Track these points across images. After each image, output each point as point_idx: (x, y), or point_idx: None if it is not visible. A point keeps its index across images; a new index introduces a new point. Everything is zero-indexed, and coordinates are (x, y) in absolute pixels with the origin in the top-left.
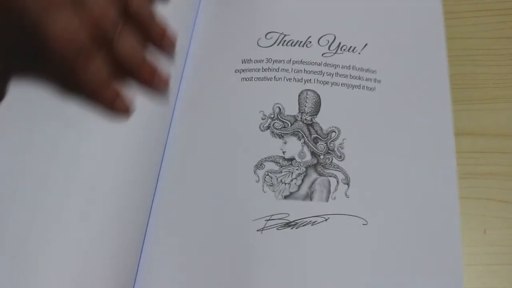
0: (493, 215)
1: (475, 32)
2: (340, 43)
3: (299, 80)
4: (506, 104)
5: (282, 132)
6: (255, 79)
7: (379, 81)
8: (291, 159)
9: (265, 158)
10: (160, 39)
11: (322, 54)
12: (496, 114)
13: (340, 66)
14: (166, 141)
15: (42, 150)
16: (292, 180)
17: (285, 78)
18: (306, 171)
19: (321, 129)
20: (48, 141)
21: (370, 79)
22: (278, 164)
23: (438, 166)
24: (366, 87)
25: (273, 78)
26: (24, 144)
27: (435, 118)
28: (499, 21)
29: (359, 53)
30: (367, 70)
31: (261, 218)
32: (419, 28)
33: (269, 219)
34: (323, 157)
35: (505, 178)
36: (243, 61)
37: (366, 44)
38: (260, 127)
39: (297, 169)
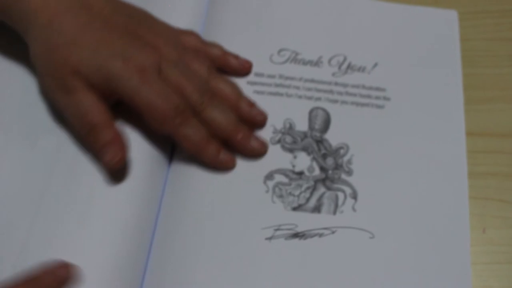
0: (492, 215)
1: (474, 34)
2: (350, 63)
3: (309, 98)
4: (505, 104)
5: (292, 147)
6: (267, 93)
7: (388, 99)
8: (301, 173)
9: (275, 170)
10: (249, 115)
11: (332, 74)
12: (495, 114)
13: (350, 85)
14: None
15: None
16: (301, 193)
17: (296, 95)
18: (314, 185)
19: (330, 145)
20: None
21: (379, 97)
22: (288, 177)
23: (448, 183)
24: (375, 104)
25: (285, 94)
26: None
27: (445, 136)
28: (498, 22)
29: (369, 73)
30: (377, 89)
31: (270, 227)
32: (432, 47)
33: (278, 229)
34: (332, 172)
35: (504, 178)
36: (256, 74)
37: (376, 64)
38: (271, 140)
39: (306, 183)
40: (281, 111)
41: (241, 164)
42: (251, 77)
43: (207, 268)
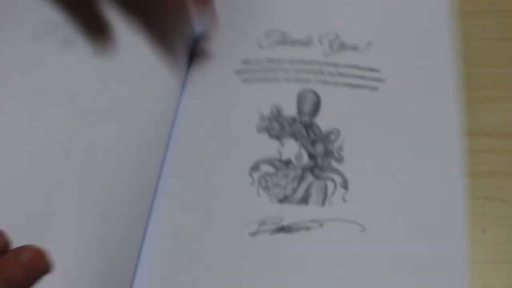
0: (492, 214)
1: (474, 33)
2: (342, 41)
3: (299, 81)
4: (506, 104)
5: (280, 133)
6: (255, 80)
7: (383, 81)
8: (288, 162)
9: (261, 159)
10: None
11: (323, 53)
12: (495, 114)
13: (342, 65)
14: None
15: None
16: (287, 183)
17: (285, 79)
18: (302, 174)
19: (320, 130)
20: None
21: (374, 79)
22: (274, 166)
23: (443, 171)
24: (369, 86)
25: (273, 79)
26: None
27: (441, 119)
28: (498, 22)
29: (362, 52)
30: (371, 69)
31: (254, 222)
32: (426, 25)
33: (262, 224)
34: (321, 160)
35: (504, 177)
36: (243, 62)
37: (369, 42)
38: (257, 128)
39: (293, 172)
40: (268, 97)
41: (226, 155)
42: (238, 66)
43: (189, 267)
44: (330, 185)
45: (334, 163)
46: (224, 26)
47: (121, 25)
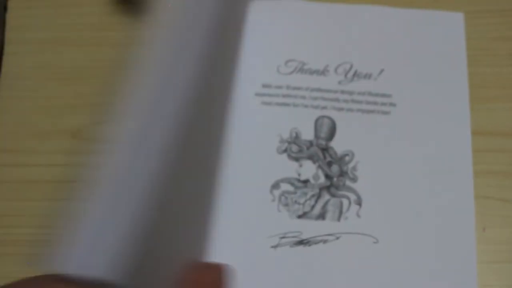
0: (492, 214)
1: (474, 33)
2: (356, 71)
3: (316, 107)
4: (506, 103)
5: (298, 155)
6: (274, 103)
7: (394, 105)
8: (306, 181)
9: (281, 179)
10: None
11: (339, 82)
12: (495, 113)
13: (356, 93)
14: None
15: None
16: (306, 201)
17: (303, 105)
18: (319, 193)
19: (335, 153)
20: None
21: (385, 103)
22: (293, 186)
23: (453, 188)
24: (381, 111)
25: (292, 104)
26: None
27: (452, 141)
28: (498, 22)
29: (375, 79)
30: (382, 95)
31: (276, 235)
32: (438, 50)
33: (283, 237)
34: (337, 180)
35: (504, 176)
36: (264, 86)
37: (382, 70)
38: (277, 150)
39: (311, 191)
40: (287, 121)
41: (248, 174)
42: (258, 89)
43: None
44: (345, 202)
45: (348, 183)
46: (247, 52)
47: None
